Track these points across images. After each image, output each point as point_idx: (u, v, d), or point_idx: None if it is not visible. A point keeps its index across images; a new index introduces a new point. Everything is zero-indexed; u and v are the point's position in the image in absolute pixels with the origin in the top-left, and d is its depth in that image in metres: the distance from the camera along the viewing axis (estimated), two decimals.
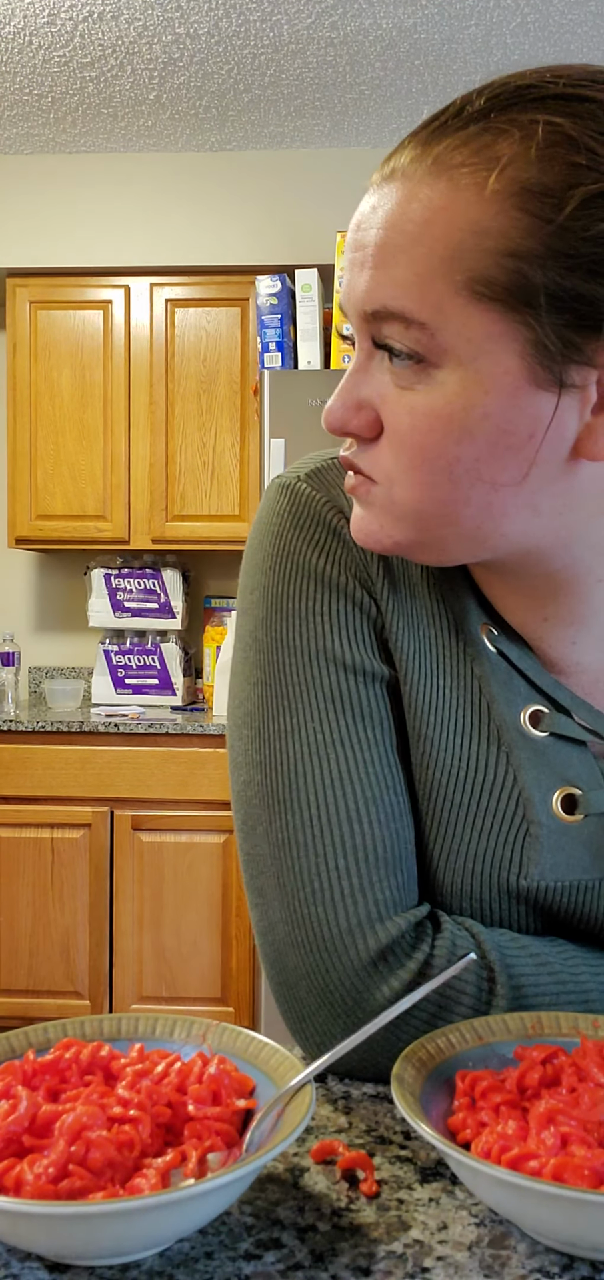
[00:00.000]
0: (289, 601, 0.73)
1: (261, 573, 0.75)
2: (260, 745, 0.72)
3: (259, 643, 0.74)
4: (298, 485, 0.76)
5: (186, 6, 2.88)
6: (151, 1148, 0.50)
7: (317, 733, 0.71)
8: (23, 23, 2.96)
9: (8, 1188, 0.47)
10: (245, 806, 0.74)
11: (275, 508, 0.76)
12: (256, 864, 0.73)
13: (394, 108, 3.37)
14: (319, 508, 0.74)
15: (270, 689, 0.73)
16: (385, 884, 0.69)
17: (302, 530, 0.74)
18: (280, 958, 0.71)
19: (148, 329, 3.63)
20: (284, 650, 0.72)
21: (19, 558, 4.09)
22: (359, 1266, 0.48)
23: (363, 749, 0.70)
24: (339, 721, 0.71)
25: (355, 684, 0.71)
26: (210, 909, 3.27)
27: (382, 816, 0.70)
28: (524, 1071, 0.55)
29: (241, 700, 0.75)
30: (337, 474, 0.76)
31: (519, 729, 0.70)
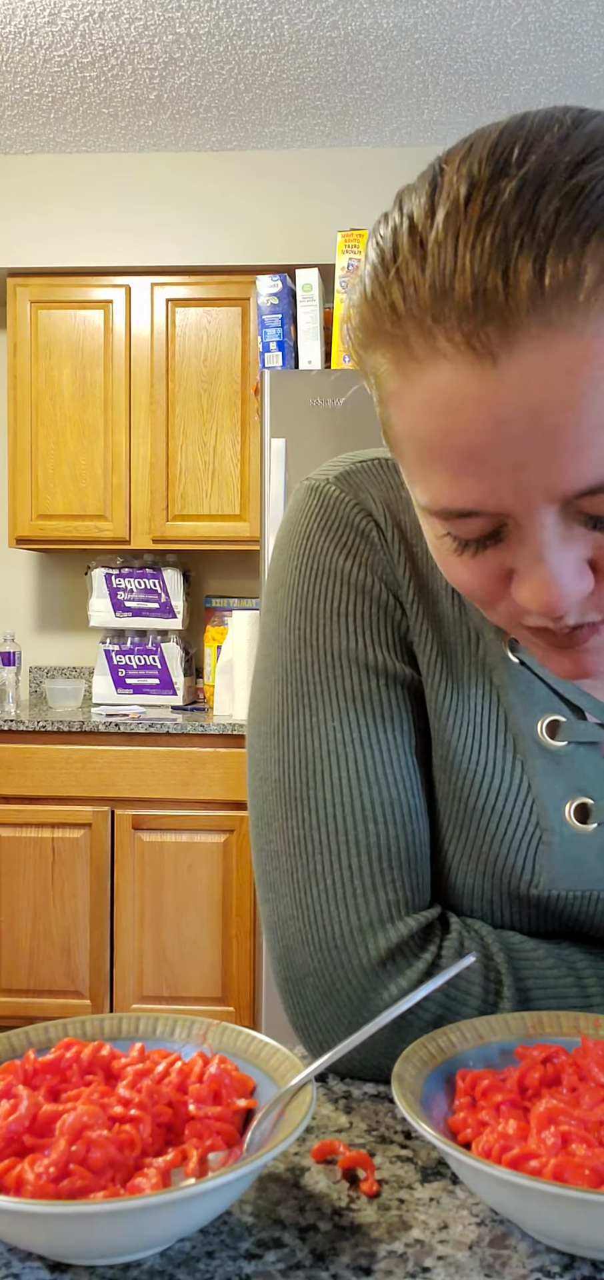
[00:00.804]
0: (314, 601, 0.73)
1: (287, 572, 0.76)
2: (279, 742, 0.73)
3: (281, 640, 0.74)
4: (327, 488, 0.76)
5: (187, 6, 2.88)
6: (152, 1147, 0.50)
7: (336, 731, 0.71)
8: (23, 22, 2.96)
9: (8, 1187, 0.47)
10: (261, 802, 0.74)
11: (304, 509, 0.77)
12: (270, 859, 0.73)
13: (394, 107, 3.37)
14: (347, 510, 0.75)
15: (291, 686, 0.73)
16: (398, 884, 0.69)
17: (329, 532, 0.75)
18: (288, 953, 0.71)
19: (148, 329, 3.63)
20: (307, 649, 0.73)
21: (20, 557, 4.09)
22: (360, 1266, 0.48)
23: (381, 749, 0.71)
24: (359, 721, 0.71)
25: (377, 685, 0.72)
26: (211, 909, 3.27)
27: (397, 817, 0.70)
28: (525, 1071, 0.55)
29: (262, 697, 0.75)
30: (366, 477, 0.77)
31: (535, 738, 0.71)
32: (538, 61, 3.11)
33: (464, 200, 0.50)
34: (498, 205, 0.49)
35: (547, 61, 3.11)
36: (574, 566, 0.55)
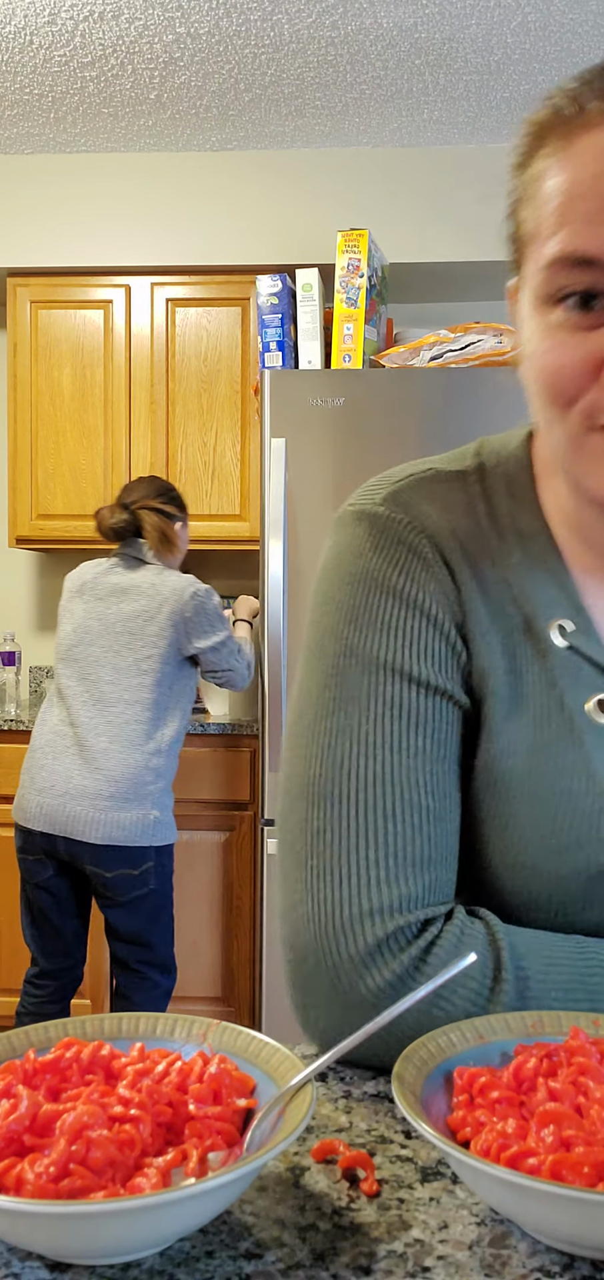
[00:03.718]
0: (363, 614, 0.75)
1: (337, 589, 0.77)
2: (310, 739, 0.75)
3: (324, 649, 0.76)
4: (376, 510, 0.78)
5: (187, 6, 2.88)
6: (152, 1147, 0.50)
7: (368, 735, 0.73)
8: (23, 22, 2.96)
9: (8, 1187, 0.47)
10: (286, 796, 0.76)
11: (352, 534, 0.78)
12: (288, 849, 0.75)
13: (395, 107, 3.37)
14: (400, 530, 0.77)
15: (330, 691, 0.75)
16: (410, 881, 0.71)
17: (381, 552, 0.76)
18: (293, 935, 0.73)
19: (148, 328, 3.63)
20: (351, 656, 0.75)
21: (20, 557, 4.09)
22: (360, 1266, 0.48)
23: (410, 755, 0.73)
24: (393, 727, 0.73)
25: (417, 695, 0.73)
26: (211, 908, 3.27)
27: (416, 820, 0.72)
28: (520, 1064, 0.55)
29: (299, 702, 0.77)
30: (413, 493, 0.78)
31: (587, 717, 0.74)
32: (538, 61, 3.11)
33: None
34: None
35: (547, 61, 3.11)
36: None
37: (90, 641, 2.60)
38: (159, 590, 2.60)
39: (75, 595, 2.67)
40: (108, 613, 2.61)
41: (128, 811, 2.53)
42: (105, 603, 2.62)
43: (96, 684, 2.58)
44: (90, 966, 3.26)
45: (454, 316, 3.95)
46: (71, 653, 2.62)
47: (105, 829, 2.51)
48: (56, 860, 2.58)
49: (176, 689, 2.64)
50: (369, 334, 3.07)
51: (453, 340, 2.95)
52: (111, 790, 2.52)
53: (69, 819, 2.51)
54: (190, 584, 2.63)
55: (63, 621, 2.68)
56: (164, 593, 2.60)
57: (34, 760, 2.60)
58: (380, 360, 3.03)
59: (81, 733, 2.55)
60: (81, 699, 2.58)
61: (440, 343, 2.97)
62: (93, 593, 2.64)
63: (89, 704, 2.57)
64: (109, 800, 2.51)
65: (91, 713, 2.56)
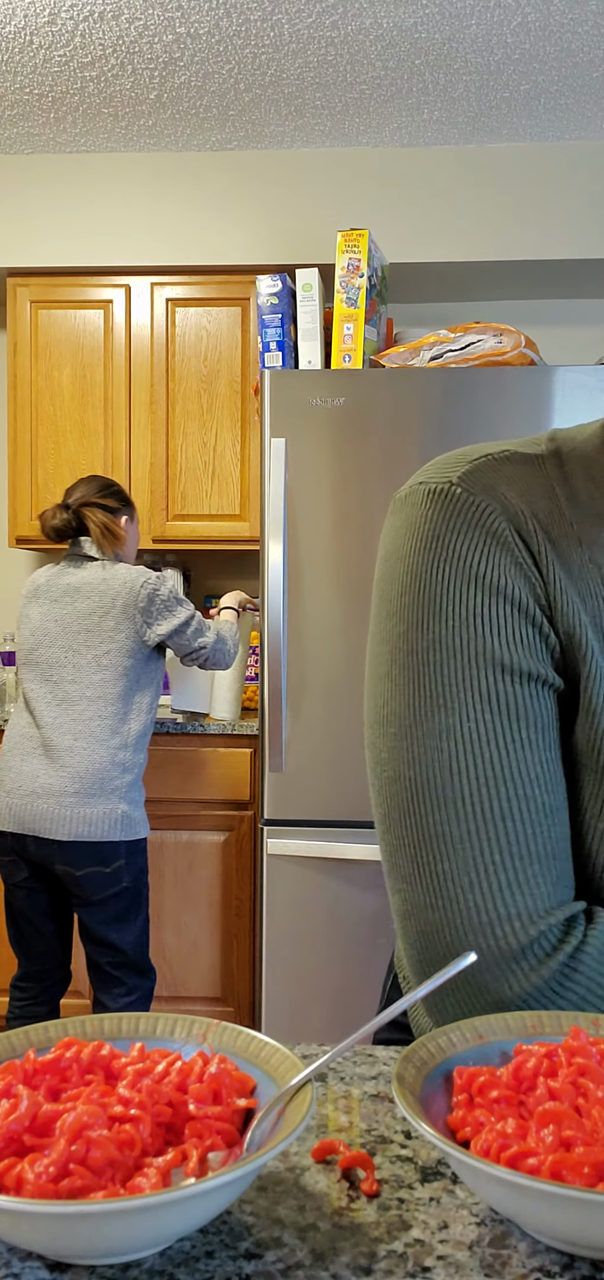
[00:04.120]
0: (449, 604, 0.73)
1: (413, 577, 0.75)
2: (411, 743, 0.74)
3: (411, 644, 0.74)
4: (453, 490, 0.76)
5: (187, 6, 2.88)
6: (152, 1147, 0.50)
7: (472, 732, 0.72)
8: (23, 22, 2.96)
9: (8, 1187, 0.47)
10: (392, 799, 0.75)
11: (427, 514, 0.76)
12: (403, 852, 0.74)
13: (395, 107, 3.37)
14: (480, 513, 0.74)
15: (424, 688, 0.73)
16: (539, 880, 0.71)
17: (461, 535, 0.74)
18: (424, 938, 0.73)
19: (148, 328, 3.63)
20: (441, 650, 0.73)
21: (20, 557, 4.09)
22: (360, 1266, 0.48)
23: (518, 748, 0.72)
24: (495, 721, 0.72)
25: (513, 684, 0.73)
26: (211, 908, 3.27)
27: (534, 815, 0.72)
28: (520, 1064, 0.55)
29: (387, 699, 0.76)
30: (492, 473, 0.76)
31: None
32: (538, 61, 3.11)
33: None
34: None
35: (547, 61, 3.11)
36: None
37: (49, 643, 2.63)
38: (110, 585, 2.62)
39: (30, 600, 2.70)
40: (63, 613, 2.63)
41: (94, 807, 2.54)
42: (60, 604, 2.64)
43: (59, 684, 2.60)
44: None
45: (454, 316, 3.95)
46: (32, 656, 2.64)
47: (72, 825, 2.52)
48: (28, 861, 2.60)
49: (143, 682, 2.65)
50: (369, 334, 3.07)
51: (453, 340, 2.95)
52: (76, 786, 2.53)
53: (36, 817, 2.53)
54: (140, 574, 2.63)
55: (21, 627, 2.71)
56: (115, 586, 2.62)
57: (3, 763, 2.62)
58: (380, 360, 3.03)
59: (47, 733, 2.57)
60: (45, 700, 2.60)
61: (440, 343, 2.97)
62: (47, 595, 2.67)
63: (53, 704, 2.59)
64: (75, 796, 2.52)
65: (56, 712, 2.58)
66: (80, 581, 2.65)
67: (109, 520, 2.69)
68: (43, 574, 2.73)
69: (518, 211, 3.55)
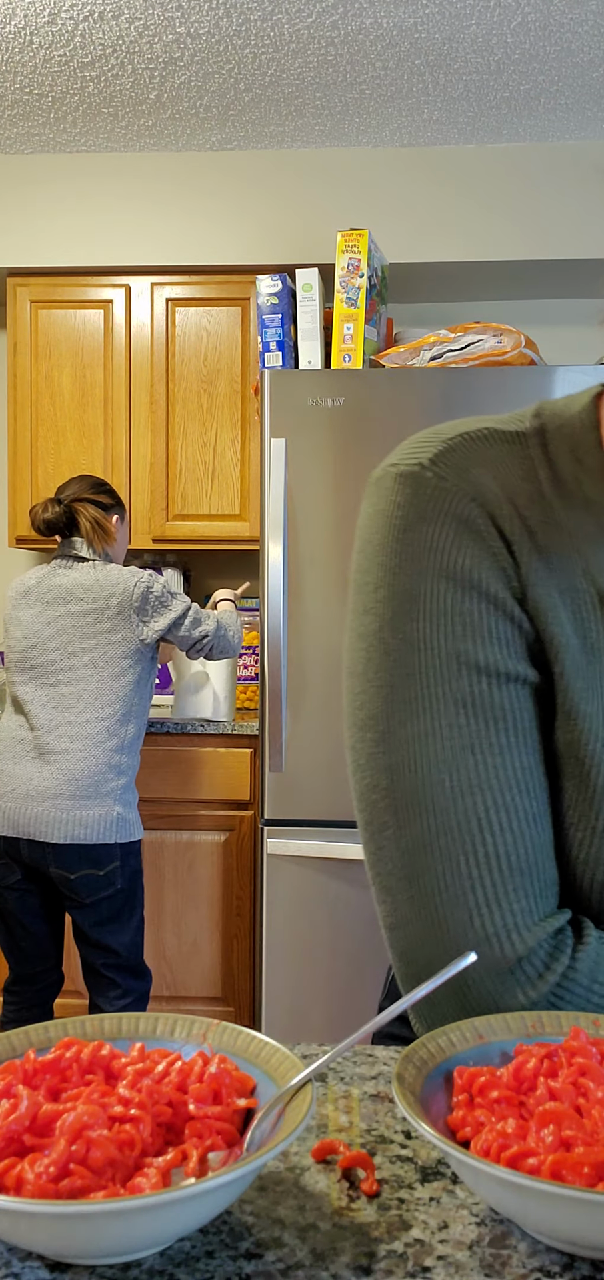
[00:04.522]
0: (420, 602, 0.70)
1: (385, 570, 0.71)
2: (387, 749, 0.70)
3: (385, 644, 0.71)
4: (422, 473, 0.71)
5: (187, 6, 2.88)
6: (152, 1147, 0.50)
7: (448, 738, 0.69)
8: (23, 22, 2.96)
9: (8, 1187, 0.47)
10: (371, 809, 0.72)
11: (396, 499, 0.72)
12: (384, 864, 0.72)
13: (395, 107, 3.37)
14: (450, 497, 0.70)
15: (398, 691, 0.70)
16: (519, 893, 0.68)
17: (431, 524, 0.70)
18: (410, 952, 0.71)
19: (148, 328, 3.63)
20: (415, 652, 0.70)
21: (19, 557, 4.09)
22: (360, 1266, 0.48)
23: (495, 754, 0.69)
24: (471, 726, 0.69)
25: (489, 686, 0.69)
26: (211, 908, 3.27)
27: (514, 824, 0.68)
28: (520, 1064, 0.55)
29: (364, 701, 0.72)
30: (466, 454, 0.72)
31: None
32: (538, 61, 3.11)
33: None
34: None
35: (547, 61, 3.11)
36: None
37: (43, 646, 2.61)
38: (103, 586, 2.61)
39: (21, 602, 2.67)
40: (55, 615, 2.61)
41: (89, 809, 2.53)
42: (52, 606, 2.62)
43: (55, 687, 2.58)
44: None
45: (454, 316, 3.95)
46: (26, 659, 2.62)
47: (67, 828, 2.51)
48: (21, 864, 2.59)
49: (139, 684, 2.64)
50: (369, 334, 3.07)
51: (453, 340, 2.95)
52: (72, 789, 2.52)
53: (30, 820, 2.52)
54: (132, 574, 2.63)
55: (11, 630, 2.68)
56: (108, 587, 2.61)
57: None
58: (380, 360, 3.03)
59: (42, 736, 2.56)
60: (41, 703, 2.58)
61: (440, 343, 2.97)
62: (38, 597, 2.65)
63: (49, 707, 2.58)
64: (70, 799, 2.51)
65: (51, 715, 2.57)
66: (73, 583, 2.63)
67: (101, 516, 2.69)
68: (32, 575, 2.71)
69: (518, 211, 3.55)
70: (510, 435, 0.73)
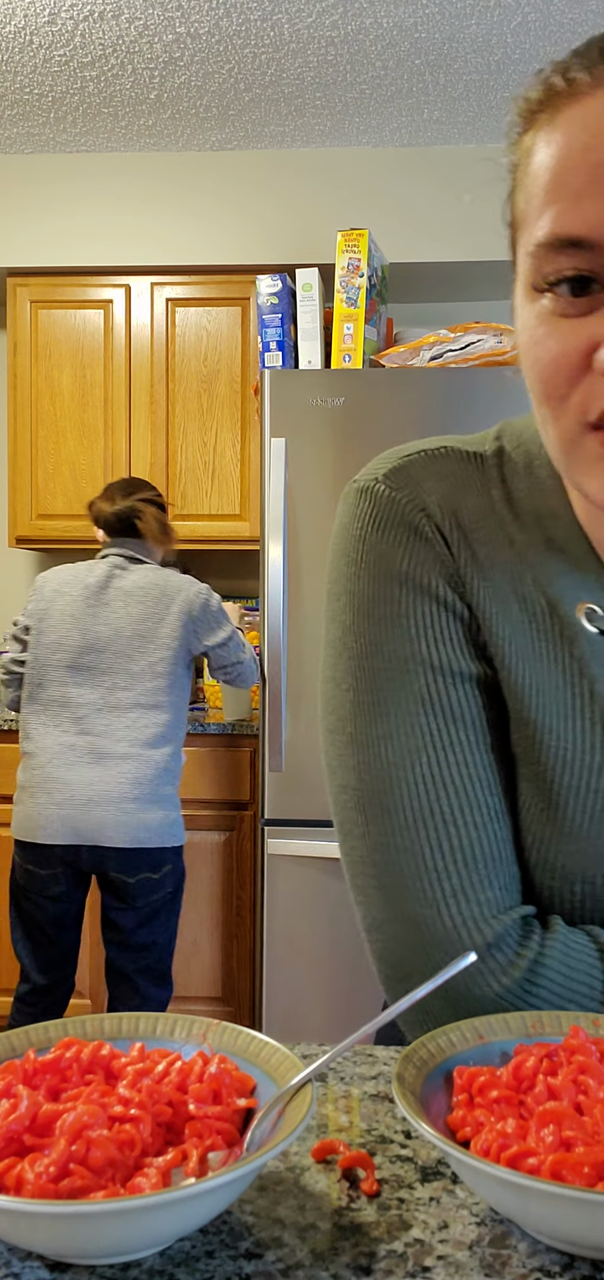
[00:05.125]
0: (377, 606, 0.73)
1: (347, 579, 0.75)
2: (354, 750, 0.73)
3: (349, 649, 0.74)
4: (377, 487, 0.75)
5: (187, 6, 2.88)
6: (152, 1147, 0.50)
7: (408, 737, 0.71)
8: (23, 22, 2.96)
9: (8, 1187, 0.47)
10: (341, 810, 0.75)
11: (355, 512, 0.76)
12: (356, 865, 0.74)
13: (395, 107, 3.37)
14: (401, 508, 0.74)
15: (361, 694, 0.73)
16: (485, 884, 0.70)
17: (384, 533, 0.74)
18: (388, 954, 0.72)
19: (148, 328, 3.63)
20: (374, 656, 0.73)
21: (20, 557, 4.09)
22: (360, 1266, 0.48)
23: (455, 751, 0.71)
24: (431, 725, 0.71)
25: (445, 686, 0.71)
26: (211, 908, 3.27)
27: (477, 818, 0.70)
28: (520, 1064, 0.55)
29: (334, 705, 0.75)
30: (417, 470, 0.75)
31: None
32: (538, 61, 3.11)
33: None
34: None
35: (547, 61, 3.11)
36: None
37: (101, 648, 2.54)
38: (165, 591, 2.58)
39: (77, 600, 2.57)
40: (115, 617, 2.55)
41: (151, 813, 2.52)
42: (111, 607, 2.56)
43: (112, 691, 2.53)
44: (91, 967, 3.25)
45: (454, 316, 3.95)
46: (80, 660, 2.54)
47: (133, 831, 2.50)
48: (74, 871, 2.54)
49: (186, 692, 2.64)
50: (369, 334, 3.07)
51: (453, 340, 2.95)
52: (136, 793, 2.50)
53: (95, 826, 2.48)
54: (192, 583, 2.62)
55: (58, 627, 2.58)
56: (170, 593, 2.58)
57: (44, 774, 2.52)
58: (380, 360, 3.03)
59: (98, 741, 2.51)
60: (95, 707, 2.52)
61: (440, 343, 2.97)
62: (98, 598, 2.57)
63: (105, 711, 2.52)
64: (134, 803, 2.50)
65: (108, 719, 2.52)
66: (133, 585, 2.58)
67: (163, 517, 2.67)
68: (83, 571, 2.61)
69: None
70: (468, 455, 0.77)
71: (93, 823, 2.48)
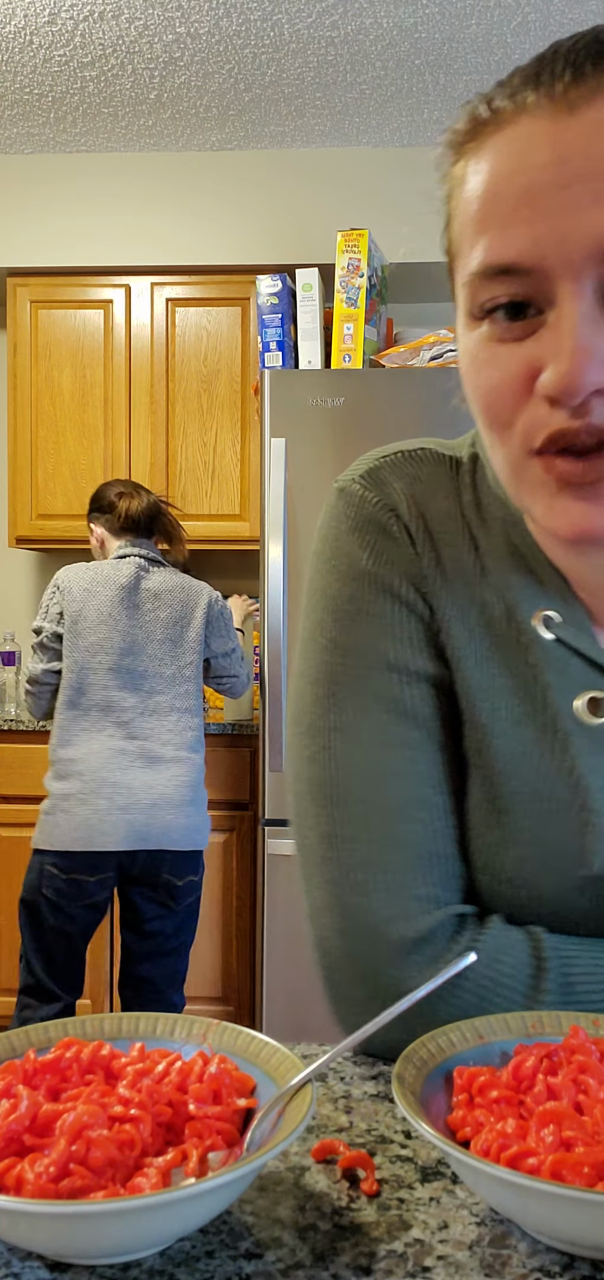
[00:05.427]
0: (343, 604, 0.75)
1: (321, 575, 0.77)
2: (310, 741, 0.74)
3: (316, 643, 0.76)
4: (352, 487, 0.77)
5: (187, 6, 2.88)
6: (152, 1147, 0.50)
7: (361, 731, 0.72)
8: (23, 22, 2.96)
9: (8, 1187, 0.47)
10: (296, 799, 0.76)
11: (333, 512, 0.78)
12: (305, 853, 0.75)
13: (395, 107, 3.37)
14: (372, 509, 0.75)
15: (322, 687, 0.74)
16: (422, 880, 0.70)
17: (354, 533, 0.75)
18: (323, 942, 0.73)
19: (148, 328, 3.63)
20: (336, 651, 0.74)
21: (20, 557, 4.09)
22: (360, 1266, 0.48)
23: (405, 748, 0.72)
24: (385, 721, 0.72)
25: (401, 684, 0.72)
26: (211, 908, 3.27)
27: (421, 815, 0.71)
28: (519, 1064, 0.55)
29: (297, 698, 0.77)
30: (391, 471, 0.77)
31: (576, 717, 0.70)
32: None
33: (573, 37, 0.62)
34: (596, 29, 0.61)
35: None
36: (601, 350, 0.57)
37: (138, 651, 2.50)
38: (188, 594, 2.57)
39: (114, 601, 2.50)
40: (147, 620, 2.52)
41: (199, 816, 2.55)
42: (143, 610, 2.52)
43: (150, 695, 2.50)
44: (91, 967, 3.25)
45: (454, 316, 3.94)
46: (122, 663, 2.49)
47: (188, 834, 2.51)
48: (119, 877, 2.51)
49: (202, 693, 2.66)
50: (369, 334, 3.07)
51: (453, 340, 2.95)
52: (189, 796, 2.52)
53: (161, 829, 2.47)
54: (208, 587, 2.63)
55: (100, 628, 2.49)
56: (193, 596, 2.57)
57: (97, 779, 2.44)
58: (380, 360, 3.03)
59: (147, 744, 2.48)
60: (138, 710, 2.49)
61: (440, 343, 2.97)
62: (131, 599, 2.52)
63: (146, 715, 2.50)
64: (189, 805, 2.52)
65: (151, 723, 2.50)
66: (159, 587, 2.55)
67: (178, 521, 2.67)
68: (112, 571, 2.55)
69: None
70: (444, 458, 0.78)
71: (158, 826, 2.46)
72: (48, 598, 2.57)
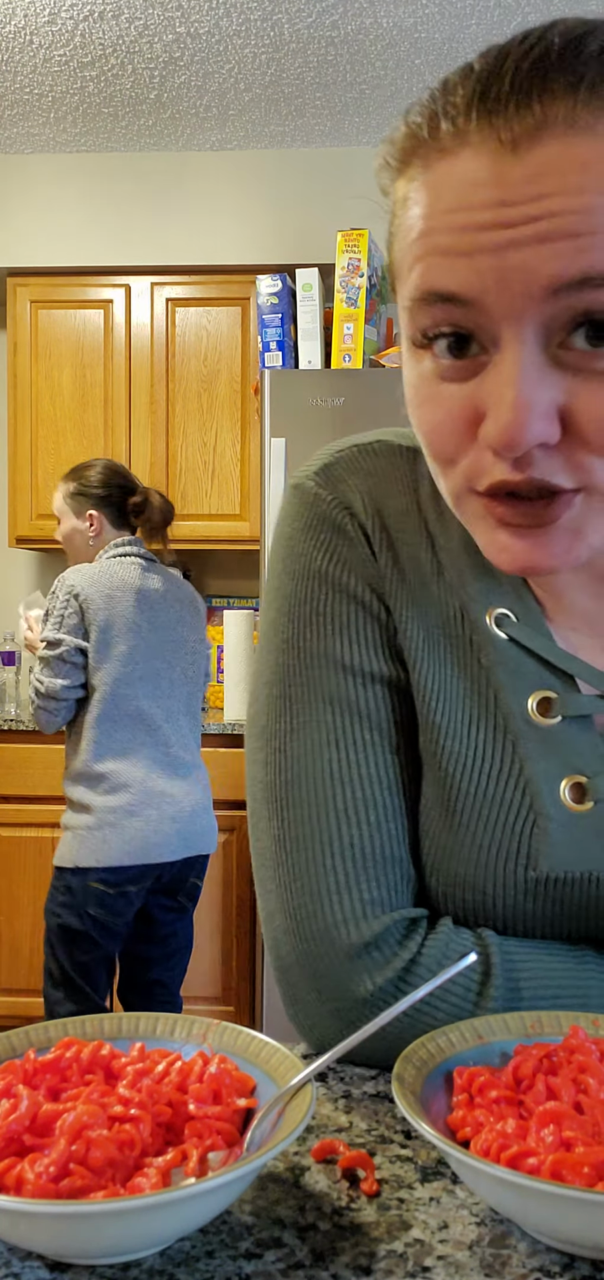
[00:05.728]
0: (298, 605, 0.74)
1: (276, 575, 0.76)
2: (264, 744, 0.74)
3: (271, 644, 0.75)
4: (306, 484, 0.76)
5: (187, 6, 2.88)
6: (152, 1147, 0.50)
7: (314, 732, 0.71)
8: (23, 22, 2.96)
9: (8, 1187, 0.47)
10: (252, 801, 0.76)
11: (288, 509, 0.77)
12: (259, 857, 0.75)
13: (395, 107, 3.37)
14: (326, 507, 0.74)
15: (276, 689, 0.74)
16: (372, 883, 0.70)
17: (309, 532, 0.74)
18: (276, 945, 0.73)
19: (148, 328, 3.63)
20: (290, 651, 0.73)
21: (20, 557, 4.09)
22: (360, 1266, 0.48)
23: (359, 750, 0.71)
24: (337, 722, 0.71)
25: (356, 686, 0.72)
26: (211, 908, 3.27)
27: (373, 817, 0.70)
28: (519, 1064, 0.55)
29: (254, 700, 0.76)
30: (346, 467, 0.75)
31: (526, 718, 0.69)
32: None
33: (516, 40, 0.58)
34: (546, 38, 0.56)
35: None
36: (544, 402, 0.55)
37: (154, 655, 2.45)
38: (188, 596, 2.57)
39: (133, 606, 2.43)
40: (159, 623, 2.47)
41: (215, 817, 2.58)
42: (155, 611, 2.46)
43: (170, 700, 2.48)
44: None
45: None
46: (147, 670, 2.44)
47: (215, 836, 2.57)
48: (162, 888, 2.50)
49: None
50: (369, 334, 3.07)
51: None
52: (210, 798, 2.55)
53: (199, 833, 2.48)
54: (192, 587, 2.65)
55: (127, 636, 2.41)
56: (190, 596, 2.58)
57: (144, 790, 2.39)
58: (380, 360, 3.03)
59: (175, 750, 2.47)
60: (162, 716, 2.46)
61: None
62: (145, 601, 2.45)
63: (168, 720, 2.47)
64: (212, 808, 2.56)
65: (172, 728, 2.47)
66: (165, 589, 2.51)
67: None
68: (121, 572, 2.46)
69: None
70: (401, 450, 0.76)
71: (197, 831, 2.47)
72: (62, 607, 2.40)
